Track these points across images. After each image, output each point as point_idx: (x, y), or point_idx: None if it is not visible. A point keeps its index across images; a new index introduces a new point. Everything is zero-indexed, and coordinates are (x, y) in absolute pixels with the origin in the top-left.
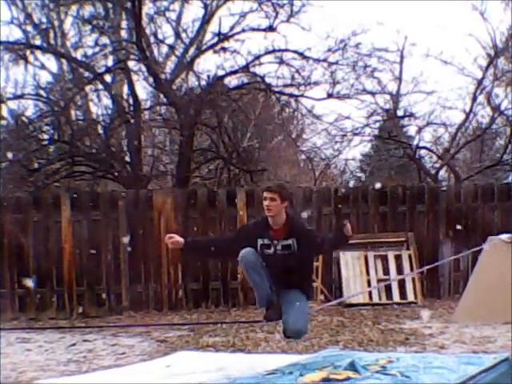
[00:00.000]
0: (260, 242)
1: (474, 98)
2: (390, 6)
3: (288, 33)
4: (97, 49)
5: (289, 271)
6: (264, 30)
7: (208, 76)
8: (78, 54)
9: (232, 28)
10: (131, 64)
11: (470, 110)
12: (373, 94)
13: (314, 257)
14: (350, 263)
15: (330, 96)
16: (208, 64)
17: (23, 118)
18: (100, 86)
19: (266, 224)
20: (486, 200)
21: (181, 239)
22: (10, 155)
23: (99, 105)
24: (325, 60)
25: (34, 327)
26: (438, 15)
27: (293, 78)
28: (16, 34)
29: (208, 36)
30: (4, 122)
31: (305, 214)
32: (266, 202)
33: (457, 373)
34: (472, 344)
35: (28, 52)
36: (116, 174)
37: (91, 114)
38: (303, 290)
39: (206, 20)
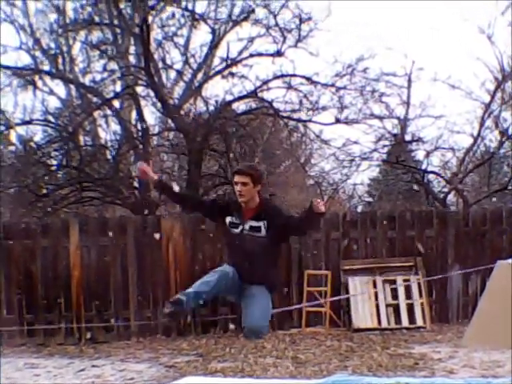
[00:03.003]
0: (228, 219)
1: (482, 123)
2: (397, 31)
3: (296, 58)
4: (105, 74)
5: (253, 255)
6: (272, 55)
7: (216, 101)
8: (87, 80)
9: (240, 53)
10: (139, 89)
11: (478, 134)
12: (381, 118)
13: (281, 241)
14: (358, 288)
15: (337, 121)
16: (216, 89)
17: (32, 144)
18: (108, 112)
19: (238, 204)
20: (495, 224)
21: (153, 175)
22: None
23: (107, 130)
24: (333, 85)
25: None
26: (446, 40)
27: (301, 102)
28: (25, 60)
29: (216, 61)
30: (12, 148)
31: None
32: (237, 187)
33: None
34: (481, 368)
35: (36, 77)
36: (124, 199)
37: (100, 140)
38: (266, 280)
39: (213, 45)
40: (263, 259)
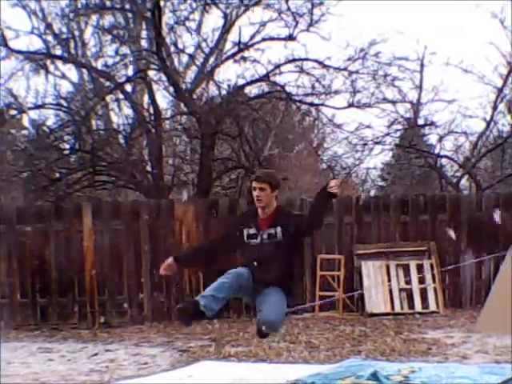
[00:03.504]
0: (246, 232)
1: (495, 107)
2: (409, 15)
3: (308, 42)
4: (117, 58)
5: (272, 262)
6: (284, 39)
7: (228, 85)
8: (99, 64)
9: (252, 37)
10: (151, 73)
11: (491, 119)
12: (393, 102)
13: (297, 243)
14: (371, 272)
15: (350, 105)
16: (228, 73)
17: (44, 128)
18: (121, 96)
19: (254, 213)
20: (508, 209)
21: (172, 263)
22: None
23: (120, 114)
24: (345, 69)
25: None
26: (458, 24)
27: (313, 87)
28: (36, 44)
29: (228, 45)
30: (25, 132)
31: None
32: (255, 193)
33: (479, 383)
34: (494, 354)
35: (48, 62)
36: (137, 183)
37: (112, 124)
38: (282, 283)
39: (226, 29)
40: (279, 263)
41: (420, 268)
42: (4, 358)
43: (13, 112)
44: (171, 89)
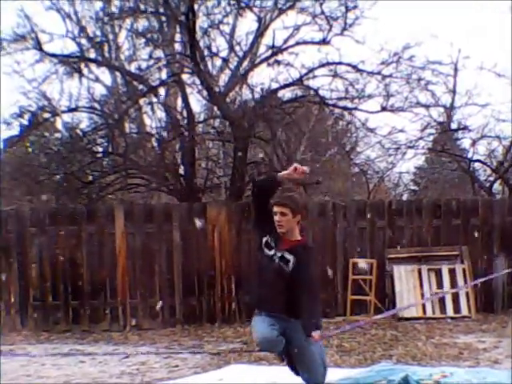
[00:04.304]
0: (265, 239)
1: None
2: (443, 18)
3: (342, 46)
4: (151, 62)
5: (276, 286)
6: (318, 42)
7: (262, 89)
8: (132, 67)
9: (286, 41)
10: (185, 77)
11: None
12: (427, 106)
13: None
14: (403, 277)
15: (383, 109)
16: (262, 77)
17: (77, 131)
18: (154, 99)
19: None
20: None
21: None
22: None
23: (153, 118)
24: (379, 73)
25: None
26: (492, 27)
27: (347, 90)
28: (70, 48)
29: (262, 49)
30: (59, 135)
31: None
32: (276, 217)
33: None
34: None
35: (82, 65)
36: (170, 186)
37: (145, 127)
38: (294, 314)
39: (259, 33)
40: (285, 291)
41: (452, 272)
42: (36, 360)
43: (46, 115)
44: (204, 92)
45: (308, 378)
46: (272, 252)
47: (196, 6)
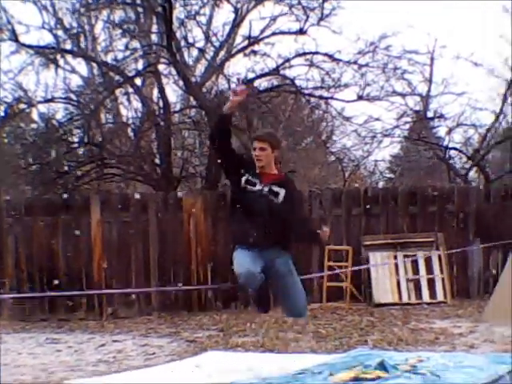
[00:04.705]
0: (245, 177)
1: (504, 99)
2: (419, 8)
3: (318, 36)
4: (127, 53)
5: (266, 218)
6: (294, 33)
7: (238, 79)
8: (109, 58)
9: (262, 31)
10: (161, 67)
11: (500, 111)
12: (403, 95)
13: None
14: (379, 263)
15: (360, 98)
16: (238, 67)
17: (53, 122)
18: (130, 90)
19: (255, 168)
20: None
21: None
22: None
23: (129, 108)
24: (355, 62)
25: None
26: (468, 17)
27: (323, 80)
28: (47, 39)
29: (238, 39)
30: (34, 126)
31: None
32: (255, 152)
33: (486, 372)
34: (502, 343)
35: (58, 56)
36: (146, 176)
37: (121, 117)
38: (284, 247)
39: (236, 24)
40: (276, 225)
41: (428, 259)
42: (13, 349)
43: (22, 106)
44: (181, 82)
45: (292, 309)
46: (258, 187)
47: None
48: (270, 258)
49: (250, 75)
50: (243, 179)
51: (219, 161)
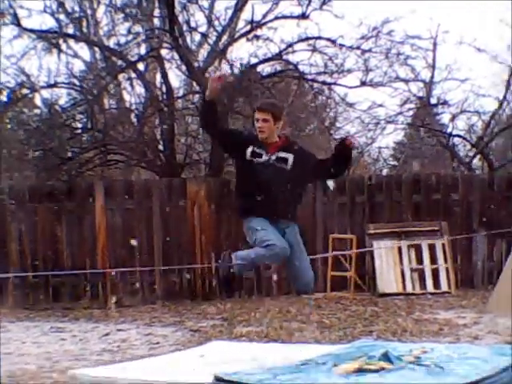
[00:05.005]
0: (250, 149)
1: (508, 86)
2: None
3: (321, 20)
4: (130, 37)
5: (277, 186)
6: (297, 17)
7: (241, 64)
8: (111, 43)
9: (265, 16)
10: (164, 52)
11: (504, 98)
12: (406, 81)
13: (309, 181)
14: (383, 253)
15: (363, 84)
16: (241, 52)
17: (56, 107)
18: (133, 75)
19: (259, 139)
20: None
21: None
22: None
23: (132, 93)
24: (358, 47)
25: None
26: (472, 2)
27: (326, 65)
28: (49, 23)
29: (241, 24)
30: (37, 111)
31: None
32: (258, 124)
33: (490, 363)
34: (506, 335)
35: (61, 40)
36: (149, 162)
37: (124, 103)
38: (291, 214)
39: (238, 8)
40: (287, 192)
41: (432, 248)
42: (17, 338)
43: (25, 91)
44: (184, 67)
45: (300, 278)
46: (264, 157)
47: None
48: (281, 227)
49: (253, 60)
50: (248, 152)
51: (217, 142)
